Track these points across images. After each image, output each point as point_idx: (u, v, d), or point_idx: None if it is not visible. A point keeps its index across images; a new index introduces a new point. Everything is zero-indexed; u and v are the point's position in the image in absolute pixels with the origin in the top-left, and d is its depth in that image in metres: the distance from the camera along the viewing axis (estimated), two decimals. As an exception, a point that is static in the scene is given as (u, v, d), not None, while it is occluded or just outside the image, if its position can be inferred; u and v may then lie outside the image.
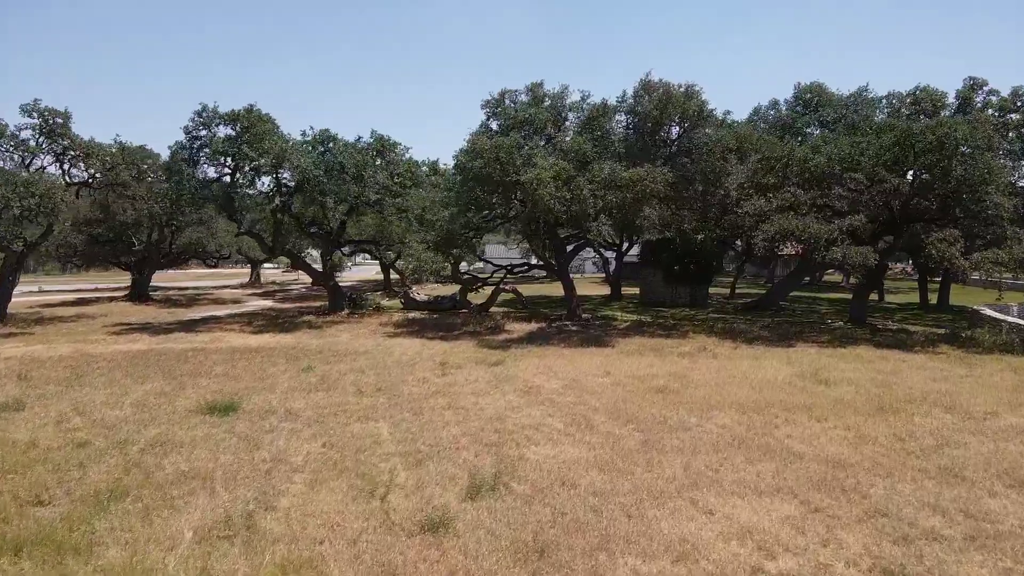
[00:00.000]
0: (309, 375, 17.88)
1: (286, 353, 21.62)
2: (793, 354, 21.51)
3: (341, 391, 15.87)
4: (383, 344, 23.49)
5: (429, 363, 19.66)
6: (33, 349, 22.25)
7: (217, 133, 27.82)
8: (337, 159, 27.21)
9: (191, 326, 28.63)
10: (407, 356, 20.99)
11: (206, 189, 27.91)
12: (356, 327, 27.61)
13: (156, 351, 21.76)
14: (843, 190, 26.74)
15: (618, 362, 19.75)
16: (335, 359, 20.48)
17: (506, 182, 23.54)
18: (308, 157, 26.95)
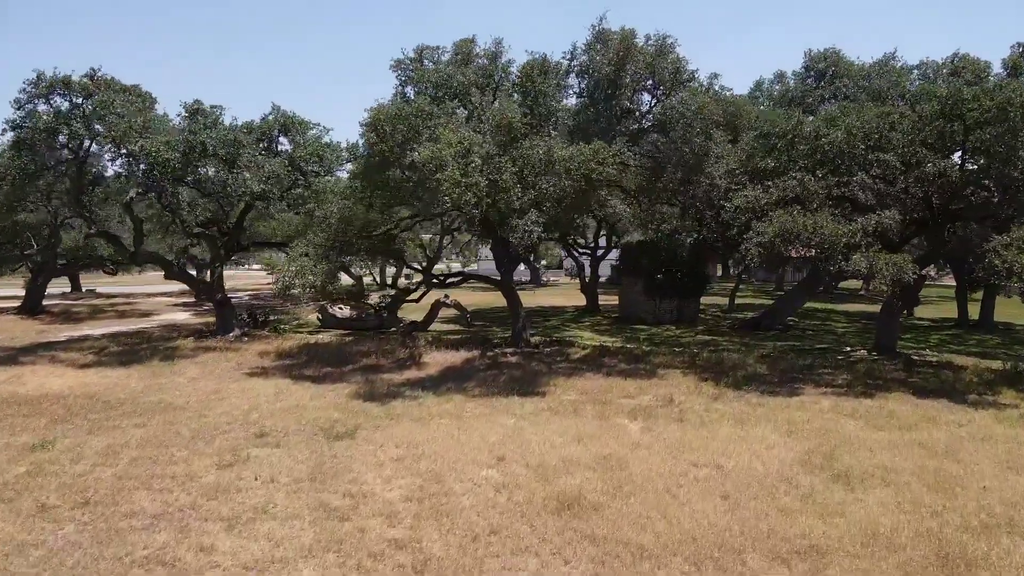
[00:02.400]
0: (34, 455, 11.40)
1: (72, 405, 15.19)
2: (797, 412, 14.79)
3: (15, 508, 9.34)
4: (226, 390, 16.95)
5: (244, 431, 13.14)
6: None
7: (61, 107, 21.41)
8: (198, 139, 20.69)
9: (25, 353, 22.27)
10: (231, 415, 14.47)
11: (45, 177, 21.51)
12: (221, 359, 21.08)
13: None
14: (868, 177, 19.93)
15: (532, 431, 13.11)
16: (123, 418, 14.07)
17: (402, 164, 16.97)
18: (161, 137, 20.46)
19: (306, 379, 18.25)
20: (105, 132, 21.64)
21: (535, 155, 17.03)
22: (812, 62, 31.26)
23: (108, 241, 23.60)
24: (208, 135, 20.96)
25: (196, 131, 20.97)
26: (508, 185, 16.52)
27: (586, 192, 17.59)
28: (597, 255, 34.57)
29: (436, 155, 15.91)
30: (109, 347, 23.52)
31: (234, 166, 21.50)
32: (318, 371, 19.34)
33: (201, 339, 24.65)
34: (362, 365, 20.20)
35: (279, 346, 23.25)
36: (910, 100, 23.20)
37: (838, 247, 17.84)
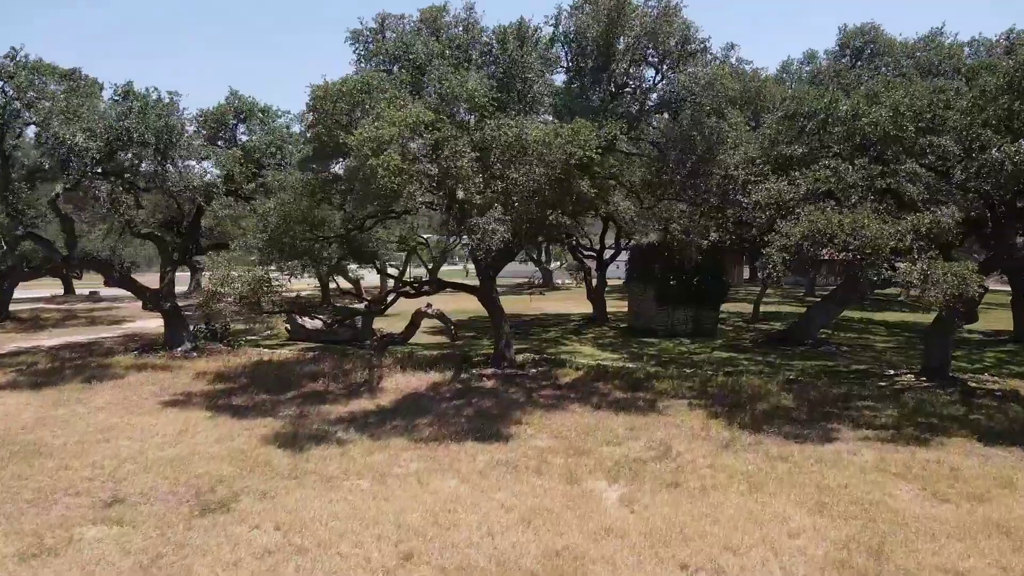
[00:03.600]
0: None
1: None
2: (831, 470, 11.28)
3: None
4: (122, 426, 13.91)
5: (98, 495, 10.00)
6: None
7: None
8: (121, 124, 17.67)
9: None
10: (101, 466, 11.48)
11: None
12: (147, 381, 18.06)
13: None
14: (919, 165, 16.27)
15: (472, 503, 9.78)
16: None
17: (339, 146, 13.77)
18: (76, 123, 17.45)
19: (229, 411, 15.12)
20: (27, 119, 18.81)
21: (503, 137, 13.68)
22: (847, 38, 27.51)
23: (37, 243, 20.77)
24: (134, 121, 17.94)
25: (122, 116, 17.95)
26: (466, 174, 13.19)
27: (565, 184, 14.18)
28: (604, 258, 31.04)
29: (374, 136, 12.65)
30: (39, 363, 20.69)
31: (166, 157, 18.46)
32: (250, 400, 16.21)
33: (144, 354, 21.71)
34: (305, 391, 17.03)
35: (225, 364, 20.21)
36: (967, 75, 19.42)
37: (883, 252, 14.24)
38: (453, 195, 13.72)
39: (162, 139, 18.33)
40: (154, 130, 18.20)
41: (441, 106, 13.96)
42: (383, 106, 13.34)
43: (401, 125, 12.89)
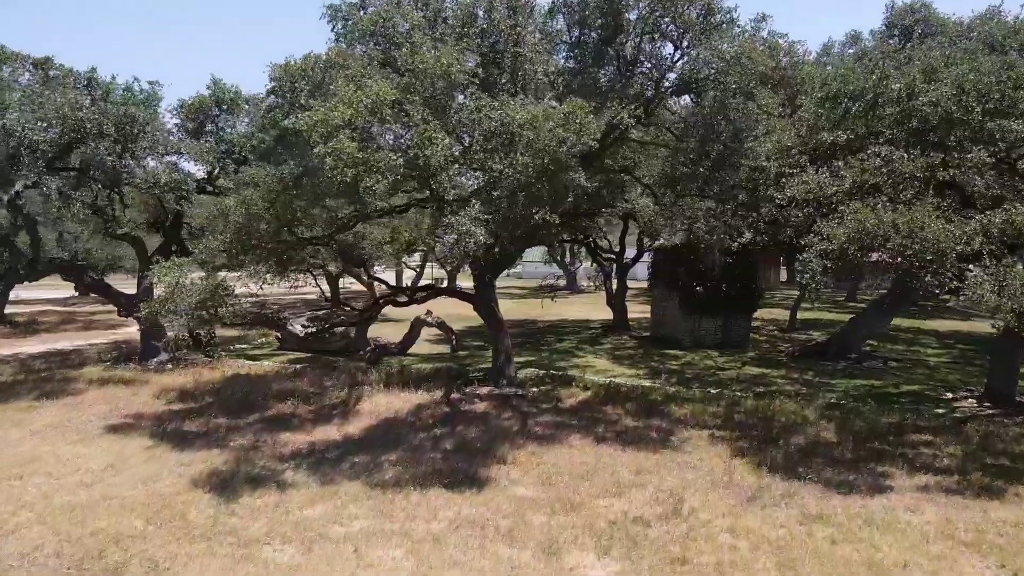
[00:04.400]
0: None
1: None
2: (884, 536, 8.90)
3: None
4: (40, 461, 11.97)
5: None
6: None
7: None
8: (77, 113, 15.82)
9: None
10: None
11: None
12: (100, 400, 16.22)
13: None
14: (988, 154, 13.62)
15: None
16: None
17: (294, 132, 11.69)
18: (34, 114, 15.66)
19: (173, 440, 13.14)
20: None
21: (483, 121, 11.44)
22: (895, 17, 24.63)
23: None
24: (90, 111, 16.10)
25: (77, 106, 16.11)
26: (438, 164, 10.99)
27: (556, 177, 11.85)
28: (624, 261, 28.56)
29: (323, 119, 10.53)
30: (2, 375, 19.05)
31: (126, 150, 16.59)
32: (204, 425, 14.22)
33: (116, 366, 19.96)
34: (270, 415, 14.99)
35: (195, 379, 18.32)
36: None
37: (948, 257, 11.69)
38: (425, 190, 11.51)
39: (123, 130, 16.50)
40: (113, 120, 16.38)
41: (413, 85, 11.75)
42: (338, 83, 11.19)
43: (358, 106, 10.73)
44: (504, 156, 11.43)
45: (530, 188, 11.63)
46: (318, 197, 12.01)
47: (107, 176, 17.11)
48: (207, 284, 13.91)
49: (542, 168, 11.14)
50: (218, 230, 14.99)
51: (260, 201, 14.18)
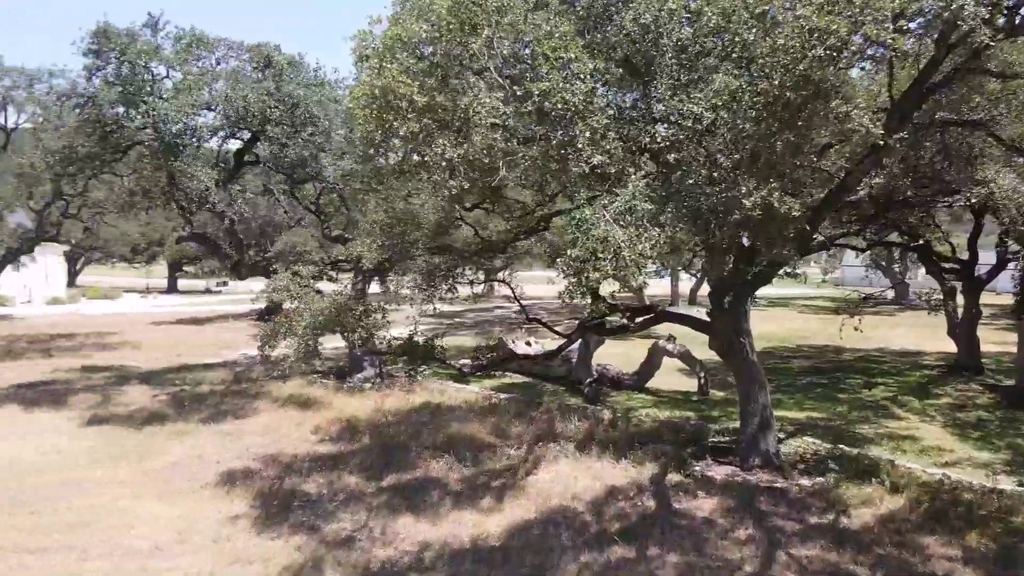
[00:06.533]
0: None
1: None
2: None
3: None
4: (105, 515, 9.46)
5: None
6: None
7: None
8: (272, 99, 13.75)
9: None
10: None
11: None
12: (266, 427, 13.91)
13: None
14: None
15: None
16: None
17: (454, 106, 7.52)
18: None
19: (270, 509, 9.95)
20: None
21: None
22: None
23: (204, 246, 18.42)
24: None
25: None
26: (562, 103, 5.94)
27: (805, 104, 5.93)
28: (976, 273, 19.62)
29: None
30: (208, 383, 18.25)
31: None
32: (328, 485, 10.89)
33: (315, 381, 18.06)
34: (411, 479, 11.16)
35: (379, 405, 15.41)
36: None
37: None
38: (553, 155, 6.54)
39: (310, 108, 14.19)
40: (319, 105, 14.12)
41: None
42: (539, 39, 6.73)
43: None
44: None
45: (758, 140, 5.92)
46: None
47: (294, 169, 15.05)
48: (334, 301, 10.55)
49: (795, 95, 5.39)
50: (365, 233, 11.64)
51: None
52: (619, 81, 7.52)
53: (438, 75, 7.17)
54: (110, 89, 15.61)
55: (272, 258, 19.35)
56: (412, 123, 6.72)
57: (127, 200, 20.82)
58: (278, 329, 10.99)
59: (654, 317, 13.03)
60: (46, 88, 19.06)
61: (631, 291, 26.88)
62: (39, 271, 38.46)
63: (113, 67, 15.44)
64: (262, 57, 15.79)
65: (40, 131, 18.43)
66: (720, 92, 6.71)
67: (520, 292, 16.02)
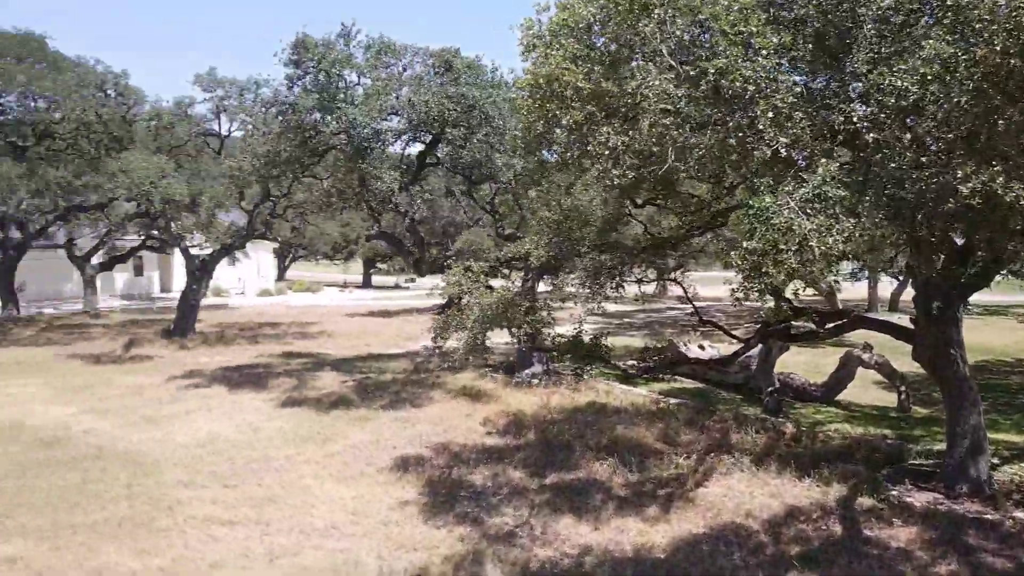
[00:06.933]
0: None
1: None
2: None
3: None
4: (272, 502, 10.17)
5: None
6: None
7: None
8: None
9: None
10: None
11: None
12: (440, 416, 14.30)
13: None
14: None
15: None
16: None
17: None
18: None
19: (438, 497, 10.16)
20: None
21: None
22: None
23: (390, 244, 19.31)
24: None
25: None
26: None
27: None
28: None
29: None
30: (386, 372, 19.26)
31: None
32: (492, 478, 10.95)
33: (487, 374, 18.43)
34: (574, 479, 10.91)
35: (545, 401, 15.37)
36: None
37: None
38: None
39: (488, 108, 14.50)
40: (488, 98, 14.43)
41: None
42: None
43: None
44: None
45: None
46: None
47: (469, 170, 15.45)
48: (502, 296, 10.60)
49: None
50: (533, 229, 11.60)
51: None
52: (808, 58, 6.74)
53: (605, 61, 6.87)
54: (308, 96, 16.95)
55: (452, 256, 20.05)
56: (576, 112, 6.47)
57: (325, 201, 22.53)
58: (450, 322, 11.26)
59: (848, 323, 11.79)
60: (253, 97, 21.12)
61: (821, 295, 24.82)
62: (252, 266, 43.01)
63: (311, 76, 16.72)
64: (443, 61, 16.36)
65: (248, 137, 20.47)
66: (930, 62, 5.78)
67: (693, 293, 15.26)
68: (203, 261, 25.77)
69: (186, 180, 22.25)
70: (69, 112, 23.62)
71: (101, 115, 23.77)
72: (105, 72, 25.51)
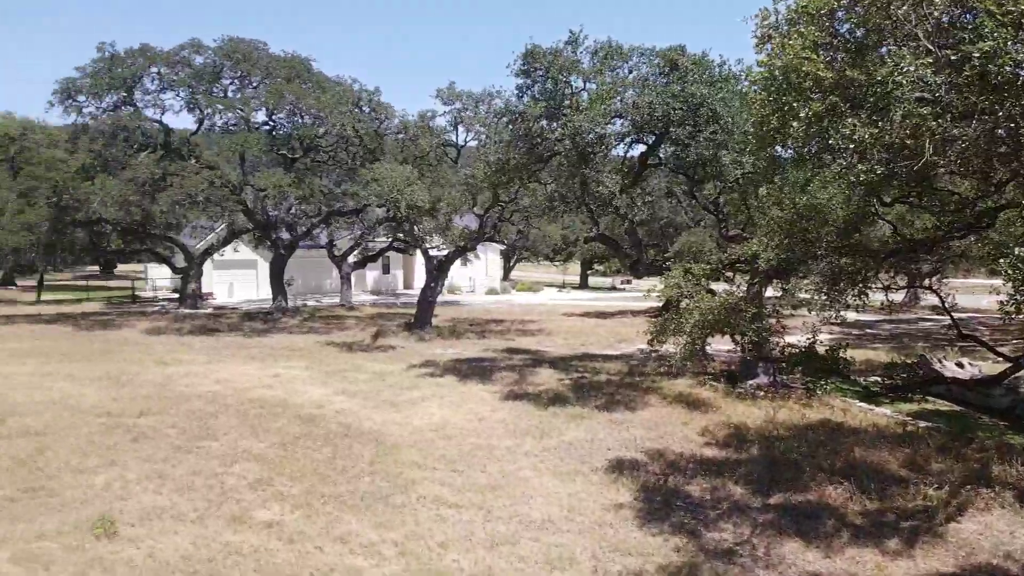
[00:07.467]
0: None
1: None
2: None
3: None
4: (497, 489, 10.58)
5: None
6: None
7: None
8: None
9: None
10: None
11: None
12: (652, 420, 14.06)
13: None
14: None
15: None
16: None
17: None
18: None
19: (651, 504, 10.00)
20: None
21: None
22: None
23: (608, 246, 19.22)
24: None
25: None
26: None
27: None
28: None
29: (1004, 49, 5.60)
30: (603, 372, 19.35)
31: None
32: (711, 491, 10.53)
33: (707, 382, 17.80)
34: (802, 501, 10.10)
35: (770, 415, 14.45)
36: None
37: None
38: None
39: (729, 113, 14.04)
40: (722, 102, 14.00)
41: None
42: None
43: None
44: None
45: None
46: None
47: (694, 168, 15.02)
48: (725, 301, 10.19)
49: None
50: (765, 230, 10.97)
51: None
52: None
53: (851, 47, 6.28)
54: (536, 105, 17.60)
55: (670, 257, 19.68)
56: (816, 104, 5.99)
57: (548, 205, 23.29)
58: (667, 326, 11.04)
59: None
60: (487, 108, 22.38)
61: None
62: (481, 266, 45.72)
63: (538, 85, 17.34)
64: (668, 61, 16.09)
65: (482, 146, 21.75)
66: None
67: (952, 302, 13.48)
68: (440, 261, 27.91)
69: (428, 187, 24.21)
70: (331, 127, 26.88)
71: (357, 129, 26.70)
72: (360, 90, 28.60)
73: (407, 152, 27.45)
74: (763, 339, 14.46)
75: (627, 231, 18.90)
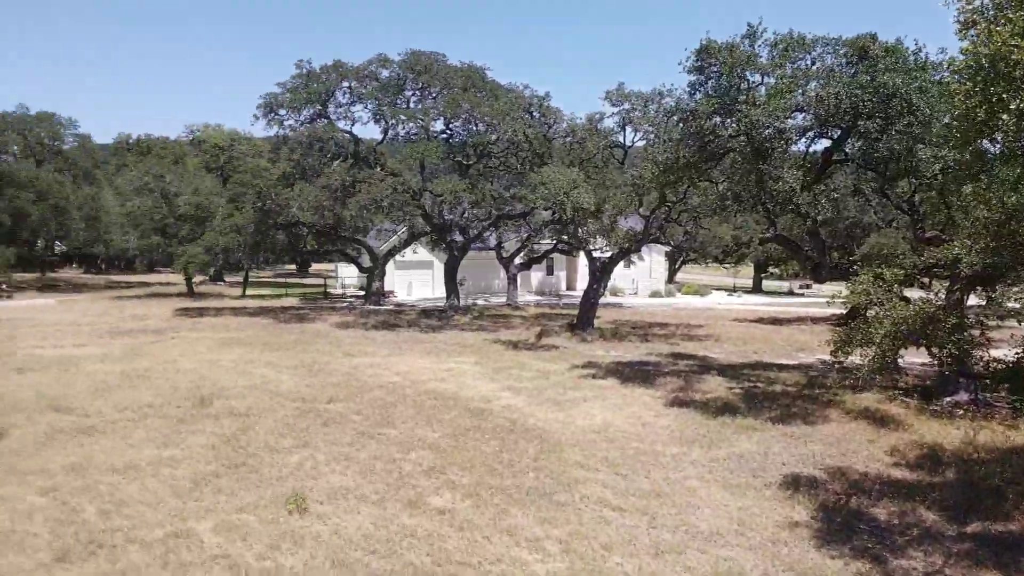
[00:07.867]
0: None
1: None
2: None
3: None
4: (658, 497, 10.34)
5: None
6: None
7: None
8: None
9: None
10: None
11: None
12: (835, 436, 13.13)
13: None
14: None
15: None
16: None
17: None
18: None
19: (829, 527, 9.35)
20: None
21: None
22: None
23: (786, 248, 18.03)
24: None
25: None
26: None
27: None
28: None
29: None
30: (778, 383, 18.35)
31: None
32: (898, 515, 9.66)
33: (896, 397, 16.34)
34: (1002, 532, 9.00)
35: (971, 435, 13.00)
36: None
37: None
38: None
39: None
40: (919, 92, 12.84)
41: None
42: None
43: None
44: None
45: None
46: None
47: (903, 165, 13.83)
48: (921, 309, 9.33)
49: None
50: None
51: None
52: None
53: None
54: (709, 101, 17.07)
55: (856, 261, 18.26)
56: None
57: (719, 204, 22.51)
58: (853, 335, 10.26)
59: None
60: (656, 107, 22.02)
61: None
62: (645, 267, 45.09)
63: (712, 81, 16.79)
64: (857, 49, 14.94)
65: (650, 146, 21.42)
66: None
67: None
68: (603, 263, 27.89)
69: (593, 189, 24.29)
70: (502, 133, 27.78)
71: (527, 135, 27.37)
72: (531, 96, 29.27)
73: (574, 155, 27.73)
74: (965, 352, 12.98)
75: (808, 231, 17.74)
